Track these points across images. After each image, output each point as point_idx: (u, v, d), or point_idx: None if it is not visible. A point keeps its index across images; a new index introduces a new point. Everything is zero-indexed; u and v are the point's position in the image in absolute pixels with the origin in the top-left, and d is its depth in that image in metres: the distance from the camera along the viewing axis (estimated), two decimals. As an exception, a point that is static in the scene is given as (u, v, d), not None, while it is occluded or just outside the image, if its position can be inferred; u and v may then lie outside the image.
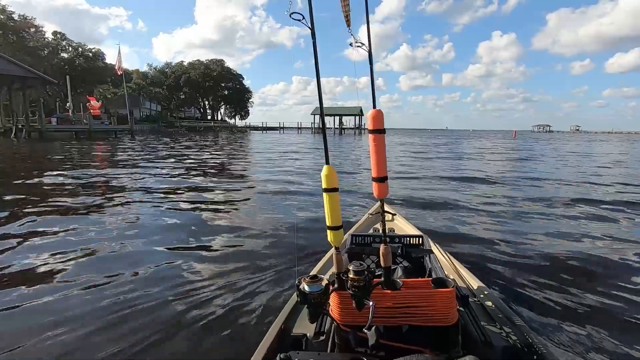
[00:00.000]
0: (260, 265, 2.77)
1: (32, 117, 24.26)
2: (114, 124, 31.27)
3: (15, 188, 6.14)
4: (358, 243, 1.76)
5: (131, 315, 2.02)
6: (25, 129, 23.17)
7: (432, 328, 1.04)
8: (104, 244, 3.25)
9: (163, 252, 3.10)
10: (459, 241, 3.45)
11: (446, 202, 5.42)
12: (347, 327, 1.06)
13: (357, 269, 1.00)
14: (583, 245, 3.42)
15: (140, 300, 2.18)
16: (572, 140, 40.30)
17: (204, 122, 58.05)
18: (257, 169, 10.09)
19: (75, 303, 2.17)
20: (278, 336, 1.18)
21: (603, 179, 8.25)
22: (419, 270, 1.61)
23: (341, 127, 54.37)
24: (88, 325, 1.92)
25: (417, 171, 9.43)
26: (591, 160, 13.79)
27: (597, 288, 2.45)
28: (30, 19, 37.87)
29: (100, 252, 3.08)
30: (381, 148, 1.10)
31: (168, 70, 59.32)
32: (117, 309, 2.09)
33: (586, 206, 5.17)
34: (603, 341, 1.82)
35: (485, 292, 1.52)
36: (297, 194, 5.96)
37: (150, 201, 5.18)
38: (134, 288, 2.37)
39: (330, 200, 1.08)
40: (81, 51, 42.04)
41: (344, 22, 1.16)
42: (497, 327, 1.24)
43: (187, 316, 2.02)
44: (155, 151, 15.06)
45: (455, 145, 24.52)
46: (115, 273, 2.61)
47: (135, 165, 9.71)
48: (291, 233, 3.67)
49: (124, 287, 2.38)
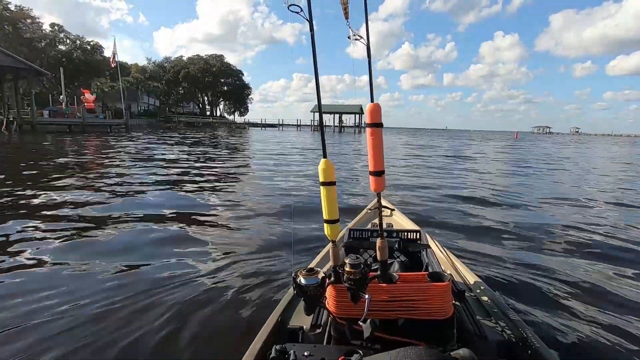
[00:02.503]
0: (256, 259, 2.78)
1: (25, 109, 23.88)
2: (110, 117, 30.90)
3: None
4: (356, 237, 1.76)
5: (126, 307, 2.02)
6: (16, 122, 22.66)
7: (428, 321, 1.05)
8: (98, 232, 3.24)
9: (157, 246, 3.09)
10: (456, 236, 3.47)
11: (444, 196, 5.45)
12: (343, 319, 1.07)
13: (353, 262, 1.00)
14: (582, 240, 3.44)
15: (135, 293, 2.18)
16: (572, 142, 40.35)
17: (202, 117, 57.80)
18: (253, 162, 10.07)
19: (61, 300, 2.17)
20: (274, 328, 1.19)
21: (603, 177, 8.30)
22: (416, 265, 1.62)
23: (341, 125, 54.30)
24: (78, 320, 1.92)
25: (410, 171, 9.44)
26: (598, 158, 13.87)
27: (595, 284, 2.47)
28: (27, 9, 37.56)
29: (92, 241, 3.08)
30: (378, 142, 1.10)
31: (167, 64, 58.97)
32: (112, 302, 2.09)
33: (587, 202, 5.21)
34: (598, 336, 1.84)
35: (482, 286, 1.53)
36: (294, 188, 5.97)
37: (141, 192, 5.18)
38: (130, 282, 2.37)
39: (327, 194, 1.08)
40: (79, 44, 41.67)
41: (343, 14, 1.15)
42: (493, 322, 1.25)
43: (183, 309, 2.02)
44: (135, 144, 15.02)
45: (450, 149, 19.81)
46: (110, 263, 2.61)
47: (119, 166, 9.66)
48: (288, 226, 3.68)
49: (119, 281, 2.38)
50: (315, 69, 1.05)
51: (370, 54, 1.10)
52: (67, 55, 39.43)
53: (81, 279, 2.41)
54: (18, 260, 2.68)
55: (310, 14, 1.00)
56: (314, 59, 1.04)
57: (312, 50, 1.04)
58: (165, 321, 1.90)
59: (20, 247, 2.92)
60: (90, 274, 2.48)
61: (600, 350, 1.75)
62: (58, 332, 1.78)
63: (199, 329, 1.84)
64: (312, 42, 1.03)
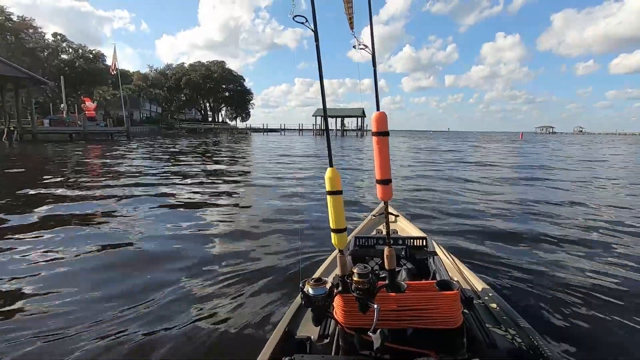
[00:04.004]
0: (264, 268, 2.76)
1: (26, 119, 23.77)
2: (111, 125, 30.89)
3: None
4: (362, 245, 1.75)
5: (134, 318, 2.02)
6: (17, 131, 22.63)
7: (437, 331, 1.03)
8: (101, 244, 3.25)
9: (162, 256, 3.09)
10: (462, 242, 3.43)
11: (449, 202, 5.42)
12: (352, 330, 1.05)
13: (362, 271, 0.99)
14: (593, 246, 3.35)
15: (143, 304, 2.18)
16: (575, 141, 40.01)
17: (204, 124, 58.04)
18: (256, 169, 10.07)
19: (68, 310, 2.17)
20: (282, 339, 1.18)
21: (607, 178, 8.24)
22: (423, 272, 1.61)
23: (343, 128, 54.41)
24: (85, 327, 1.91)
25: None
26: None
27: (606, 291, 2.40)
28: (29, 19, 37.92)
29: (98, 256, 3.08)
30: (385, 150, 1.10)
31: (169, 71, 59.37)
32: (117, 312, 2.09)
33: (598, 208, 5.16)
34: (611, 345, 1.81)
35: (490, 293, 1.51)
36: (300, 196, 5.95)
37: (138, 199, 5.19)
38: (135, 291, 2.37)
39: (334, 203, 1.08)
40: (81, 53, 42.06)
41: (347, 23, 1.16)
42: (502, 330, 1.24)
43: (191, 318, 2.01)
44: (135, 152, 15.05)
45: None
46: (111, 276, 2.61)
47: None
48: (295, 235, 3.66)
49: (125, 290, 2.38)
50: (321, 77, 1.05)
51: (375, 64, 1.10)
52: (69, 64, 39.79)
53: (72, 299, 2.41)
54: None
55: (315, 25, 1.01)
56: (319, 68, 1.05)
57: (317, 60, 1.04)
58: (171, 333, 1.89)
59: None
60: (92, 286, 2.48)
61: (614, 357, 1.71)
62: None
63: (205, 340, 1.83)
64: (317, 53, 1.03)
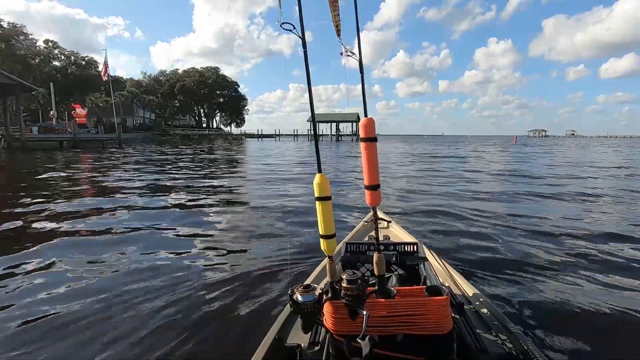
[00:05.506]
0: (252, 275, 2.73)
1: (15, 127, 23.27)
2: (102, 132, 30.47)
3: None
4: (352, 251, 1.74)
5: (122, 323, 1.98)
6: (4, 139, 22.10)
7: (427, 336, 1.03)
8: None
9: (153, 262, 3.05)
10: (453, 248, 3.44)
11: (441, 208, 5.45)
12: (341, 336, 1.05)
13: (351, 277, 0.99)
14: (583, 250, 3.36)
15: (129, 309, 2.15)
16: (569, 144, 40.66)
17: (199, 130, 57.89)
18: (248, 179, 10.05)
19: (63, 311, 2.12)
20: (272, 346, 1.16)
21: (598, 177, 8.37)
22: (414, 278, 1.60)
23: (338, 133, 54.60)
24: (79, 327, 1.87)
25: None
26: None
27: (597, 295, 2.40)
28: (20, 26, 37.61)
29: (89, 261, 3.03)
30: (373, 156, 1.10)
31: (162, 78, 59.22)
32: (110, 315, 2.05)
33: (589, 211, 5.22)
34: (601, 349, 1.81)
35: (481, 299, 1.51)
36: (288, 202, 5.94)
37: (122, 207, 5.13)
38: (125, 296, 2.32)
39: (322, 209, 1.07)
40: (74, 59, 41.83)
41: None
42: (493, 335, 1.24)
43: (179, 326, 1.98)
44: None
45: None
46: (102, 280, 2.57)
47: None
48: (284, 242, 3.64)
49: (117, 296, 2.34)
50: (309, 82, 1.06)
51: (362, 71, 1.11)
52: (61, 71, 39.48)
53: (68, 299, 2.36)
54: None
55: (303, 31, 1.01)
56: (307, 74, 1.05)
57: (305, 65, 1.05)
58: (156, 339, 1.85)
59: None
60: (81, 291, 2.44)
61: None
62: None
63: (194, 348, 1.80)
64: (305, 58, 1.04)
